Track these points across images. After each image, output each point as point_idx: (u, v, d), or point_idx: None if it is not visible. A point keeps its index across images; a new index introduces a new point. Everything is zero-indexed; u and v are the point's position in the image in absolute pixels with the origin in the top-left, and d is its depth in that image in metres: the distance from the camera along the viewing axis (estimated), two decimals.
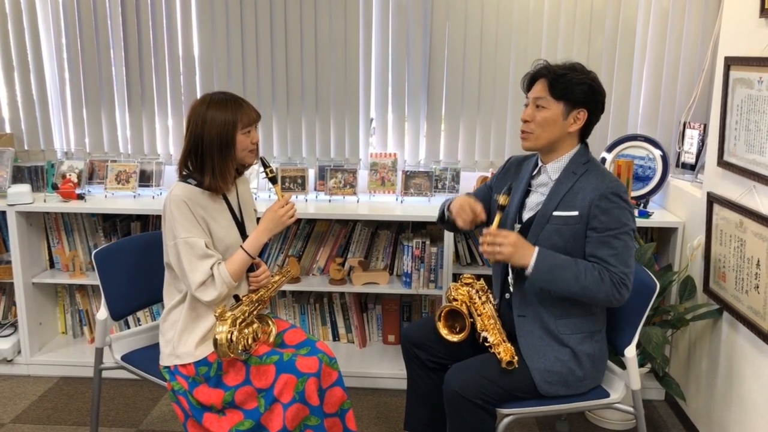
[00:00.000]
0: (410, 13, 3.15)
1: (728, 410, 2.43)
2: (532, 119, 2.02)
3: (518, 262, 1.96)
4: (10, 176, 3.18)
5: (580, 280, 1.92)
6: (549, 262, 1.94)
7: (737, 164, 2.33)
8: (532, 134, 2.03)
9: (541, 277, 1.95)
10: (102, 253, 2.38)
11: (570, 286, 1.93)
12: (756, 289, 2.20)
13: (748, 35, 2.32)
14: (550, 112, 1.99)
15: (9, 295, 3.34)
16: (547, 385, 2.01)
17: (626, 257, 1.95)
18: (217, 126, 2.06)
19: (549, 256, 1.95)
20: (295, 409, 2.03)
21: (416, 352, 2.27)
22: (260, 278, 2.24)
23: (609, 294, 1.92)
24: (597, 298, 1.94)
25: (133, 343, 2.45)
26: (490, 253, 1.96)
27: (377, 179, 3.28)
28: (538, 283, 1.97)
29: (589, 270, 1.93)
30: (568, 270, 1.93)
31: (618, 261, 1.93)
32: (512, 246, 1.93)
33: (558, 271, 1.93)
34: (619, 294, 1.93)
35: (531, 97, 2.04)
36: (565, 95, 1.98)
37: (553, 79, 1.99)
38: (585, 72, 2.02)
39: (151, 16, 3.24)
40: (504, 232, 1.96)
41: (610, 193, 1.95)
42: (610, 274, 1.92)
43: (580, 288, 1.93)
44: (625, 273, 1.94)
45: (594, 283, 1.92)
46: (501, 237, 1.94)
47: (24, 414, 2.85)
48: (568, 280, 1.92)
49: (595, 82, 2.02)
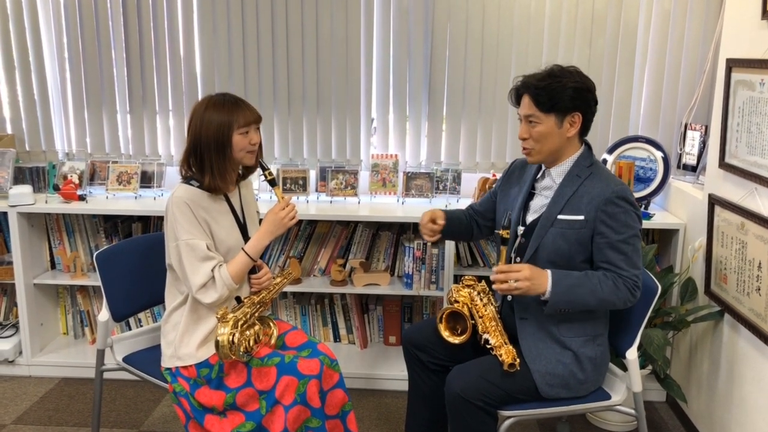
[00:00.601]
0: (411, 14, 3.15)
1: (729, 412, 2.43)
2: (528, 135, 2.01)
3: (536, 292, 1.93)
4: (11, 177, 3.18)
5: (596, 293, 1.92)
6: (565, 284, 1.93)
7: (739, 166, 2.33)
8: (533, 149, 2.02)
9: (559, 301, 1.93)
10: (103, 254, 2.38)
11: (588, 301, 1.94)
12: (757, 292, 2.20)
13: (750, 37, 2.32)
14: (544, 125, 1.98)
15: (10, 296, 3.34)
16: (548, 388, 2.01)
17: (636, 260, 1.96)
18: (214, 127, 2.06)
19: (563, 277, 1.94)
20: (296, 411, 2.03)
21: (417, 353, 2.27)
22: (262, 280, 2.24)
23: (625, 299, 1.95)
24: (615, 305, 1.96)
25: (134, 344, 2.45)
26: (506, 291, 1.93)
27: (378, 180, 3.28)
28: (558, 306, 1.95)
29: (603, 281, 1.93)
30: (584, 287, 1.93)
31: (629, 265, 1.95)
32: (528, 280, 1.90)
33: (575, 290, 1.93)
34: (633, 297, 1.96)
35: (521, 114, 2.03)
36: (553, 106, 1.95)
37: (536, 93, 1.96)
38: (565, 74, 1.96)
39: (152, 16, 3.24)
40: (515, 267, 1.93)
41: (616, 198, 1.95)
42: (623, 280, 1.94)
43: (597, 301, 1.93)
44: (637, 276, 1.96)
45: (611, 293, 1.93)
46: (513, 273, 1.91)
47: (25, 415, 2.85)
48: (585, 296, 1.93)
49: (578, 82, 1.96)
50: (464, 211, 2.38)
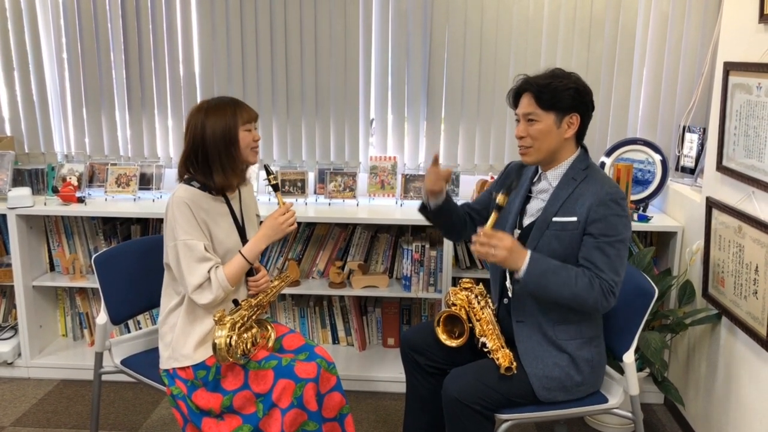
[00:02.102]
0: (410, 16, 3.16)
1: (726, 415, 2.43)
2: (526, 134, 2.01)
3: (510, 265, 1.94)
4: (10, 179, 3.19)
5: (570, 286, 1.91)
6: (541, 267, 1.93)
7: (736, 169, 2.33)
8: (530, 148, 2.03)
9: (531, 281, 1.93)
10: (102, 257, 2.39)
11: (560, 291, 1.92)
12: (754, 295, 2.21)
13: (748, 40, 2.32)
14: (543, 124, 1.99)
15: (9, 298, 3.35)
16: (545, 391, 2.02)
17: (618, 266, 1.95)
18: (219, 126, 2.09)
19: (542, 261, 1.94)
20: (293, 414, 2.03)
21: (415, 356, 2.27)
22: (260, 283, 2.25)
23: (597, 301, 1.92)
24: (586, 304, 1.94)
25: (132, 347, 2.45)
26: (483, 254, 1.93)
27: (377, 182, 3.28)
28: (529, 287, 1.95)
29: (580, 276, 1.92)
30: (559, 276, 1.92)
31: (609, 269, 1.93)
32: (507, 250, 1.91)
33: (549, 277, 1.92)
34: (606, 302, 1.93)
35: (520, 113, 2.04)
36: (554, 104, 1.97)
37: (539, 91, 1.97)
38: (567, 76, 2.00)
39: (151, 18, 3.24)
40: (499, 234, 1.93)
41: (609, 200, 1.95)
42: (600, 281, 1.92)
43: (570, 294, 1.92)
44: (615, 282, 1.93)
45: (584, 290, 1.91)
46: (496, 239, 1.92)
47: (24, 417, 2.85)
48: (559, 285, 1.92)
49: (579, 84, 2.00)
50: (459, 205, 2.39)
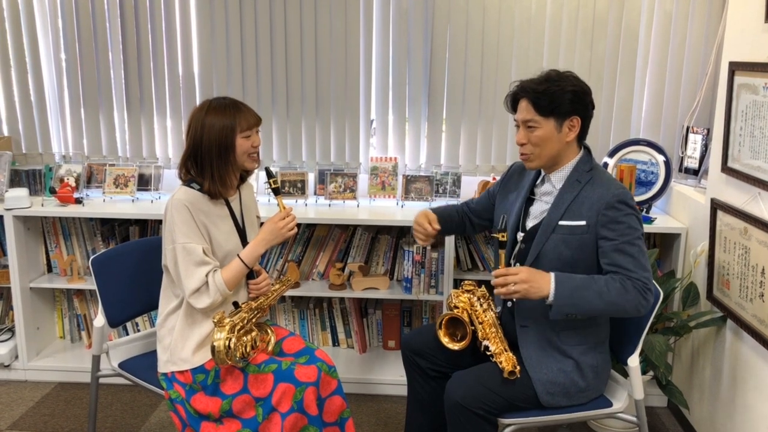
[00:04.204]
0: (411, 16, 3.13)
1: (731, 419, 2.40)
2: (527, 141, 1.99)
3: (537, 294, 1.88)
4: (7, 180, 3.16)
5: (603, 296, 1.86)
6: (568, 286, 1.88)
7: (741, 171, 2.30)
8: (532, 155, 2.00)
9: (562, 303, 1.88)
10: (99, 259, 2.36)
11: (595, 305, 1.87)
12: (761, 298, 2.18)
13: (753, 40, 2.30)
14: (543, 130, 1.96)
15: (6, 300, 3.32)
16: (549, 396, 1.99)
17: (644, 261, 1.91)
18: (216, 131, 2.06)
19: (566, 279, 1.89)
20: (293, 418, 2.01)
21: (416, 359, 2.24)
22: (260, 286, 2.22)
23: (636, 302, 1.88)
24: (624, 309, 1.89)
25: (130, 350, 2.42)
26: (505, 294, 1.89)
27: (377, 183, 3.25)
28: (563, 309, 1.89)
29: (610, 282, 1.88)
30: (589, 289, 1.87)
31: (637, 266, 1.89)
32: (525, 282, 1.86)
33: (580, 293, 1.87)
34: (646, 300, 1.89)
35: (519, 119, 2.01)
36: (553, 110, 1.94)
37: (536, 97, 1.94)
38: (563, 78, 1.96)
39: (149, 18, 3.22)
40: (512, 269, 1.90)
41: (616, 202, 1.92)
42: (632, 282, 1.88)
43: (605, 304, 1.87)
44: (647, 278, 1.90)
45: (619, 295, 1.87)
46: (511, 276, 1.88)
47: (21, 420, 2.83)
48: (591, 299, 1.87)
49: (577, 85, 1.96)
50: (457, 207, 2.38)
